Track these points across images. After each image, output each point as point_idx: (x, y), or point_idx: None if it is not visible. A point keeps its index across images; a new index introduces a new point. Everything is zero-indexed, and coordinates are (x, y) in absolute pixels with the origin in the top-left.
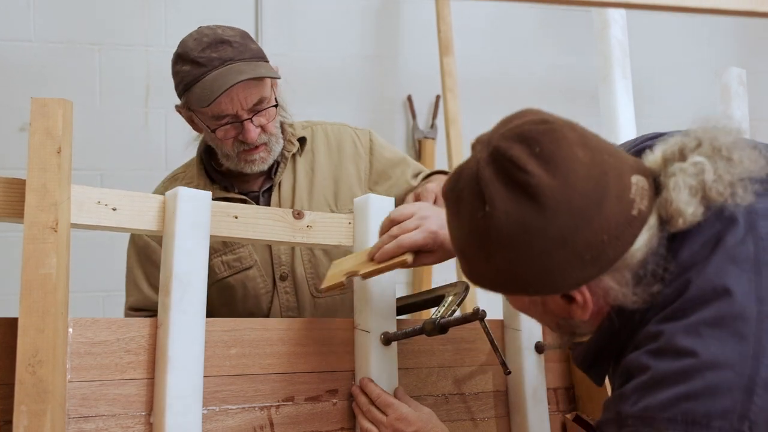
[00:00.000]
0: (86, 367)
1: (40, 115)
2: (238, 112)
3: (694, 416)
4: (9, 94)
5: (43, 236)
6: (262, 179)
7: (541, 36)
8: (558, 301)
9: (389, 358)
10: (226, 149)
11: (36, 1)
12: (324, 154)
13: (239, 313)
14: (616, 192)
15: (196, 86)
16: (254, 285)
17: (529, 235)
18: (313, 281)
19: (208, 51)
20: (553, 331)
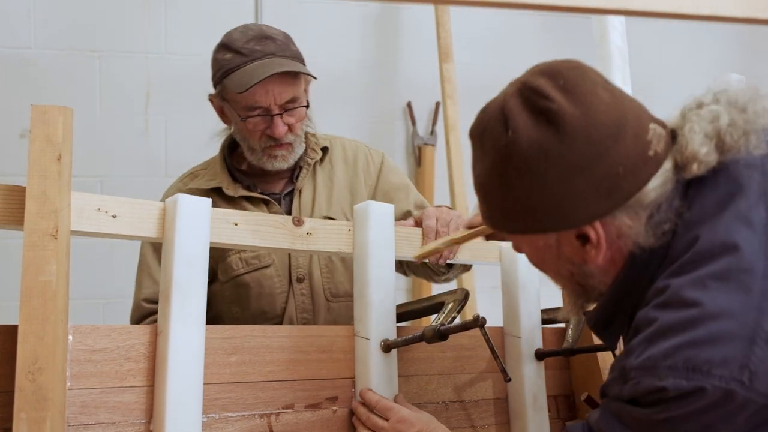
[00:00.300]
0: (86, 375)
1: (41, 122)
2: (270, 106)
3: (695, 363)
4: (9, 100)
5: (43, 243)
6: (283, 182)
7: (540, 42)
8: (572, 242)
9: (389, 365)
10: (253, 142)
11: (37, 8)
12: (341, 166)
13: (251, 311)
14: (633, 131)
15: (236, 73)
16: (270, 284)
17: (548, 160)
18: (329, 286)
19: (252, 43)
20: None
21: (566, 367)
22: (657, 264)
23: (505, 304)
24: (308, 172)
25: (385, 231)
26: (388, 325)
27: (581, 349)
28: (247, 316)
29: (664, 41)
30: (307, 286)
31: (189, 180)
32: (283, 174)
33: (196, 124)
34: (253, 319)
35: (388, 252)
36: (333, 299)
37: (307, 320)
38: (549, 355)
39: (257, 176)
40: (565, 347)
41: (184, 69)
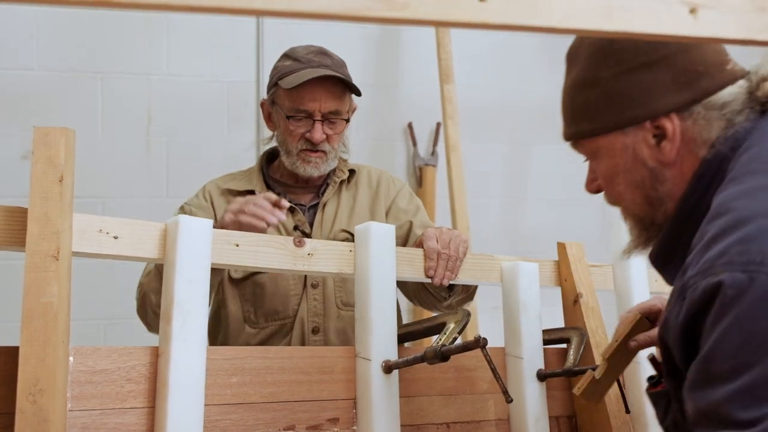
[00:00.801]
0: (87, 396)
1: (43, 143)
2: (315, 112)
3: (750, 255)
4: (11, 122)
5: (44, 265)
6: (311, 195)
7: (540, 63)
8: (649, 142)
9: (390, 386)
10: (291, 144)
11: (39, 30)
12: (365, 189)
13: (264, 310)
14: (713, 47)
15: (291, 75)
16: (285, 285)
17: (637, 49)
18: (340, 294)
19: (312, 55)
20: (633, 222)
21: (568, 388)
22: (718, 183)
23: (507, 324)
24: (334, 188)
25: (386, 252)
26: (390, 345)
27: (583, 370)
28: (259, 315)
29: None
30: (320, 293)
31: (227, 180)
32: (311, 188)
33: (198, 145)
34: (264, 317)
35: (389, 273)
36: (344, 307)
37: (317, 324)
38: (551, 376)
39: (288, 186)
40: (566, 368)
41: (185, 90)
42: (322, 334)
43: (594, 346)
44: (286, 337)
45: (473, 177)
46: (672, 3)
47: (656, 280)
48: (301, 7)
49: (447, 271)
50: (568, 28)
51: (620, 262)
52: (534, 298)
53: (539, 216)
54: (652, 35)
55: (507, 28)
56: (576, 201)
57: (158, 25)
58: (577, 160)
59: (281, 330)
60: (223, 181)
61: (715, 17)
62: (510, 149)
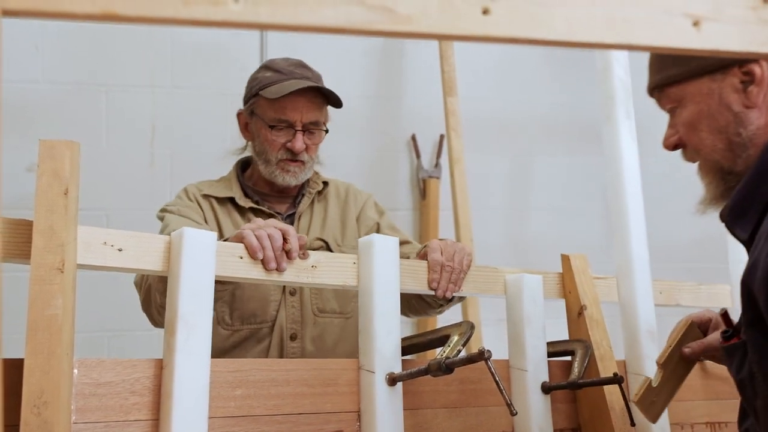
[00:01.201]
0: (91, 409)
1: (48, 156)
2: (296, 122)
3: None
4: (16, 134)
5: (49, 277)
6: (286, 205)
7: (544, 75)
8: (736, 86)
9: (394, 398)
10: (271, 154)
11: (44, 44)
12: (335, 201)
13: (242, 312)
14: None
15: (273, 86)
16: (265, 289)
17: None
18: (316, 301)
19: (292, 67)
20: (710, 175)
21: (573, 400)
22: None
23: (511, 336)
24: (310, 199)
25: (390, 264)
26: (394, 358)
27: (588, 383)
28: (234, 317)
29: None
30: (297, 300)
31: (206, 186)
32: (286, 198)
33: (201, 158)
34: (240, 320)
35: (392, 285)
36: (320, 314)
37: (295, 331)
38: (555, 389)
39: (264, 195)
40: (571, 380)
41: (189, 103)
42: (300, 341)
43: (598, 358)
44: (260, 343)
45: (477, 189)
46: (675, 15)
47: (661, 293)
48: (306, 21)
49: (450, 284)
50: (571, 40)
51: (624, 275)
52: (538, 311)
53: (543, 227)
54: (655, 47)
55: (510, 41)
56: (580, 212)
57: (162, 38)
58: (579, 171)
59: (256, 334)
60: (201, 186)
61: (718, 29)
62: (513, 161)
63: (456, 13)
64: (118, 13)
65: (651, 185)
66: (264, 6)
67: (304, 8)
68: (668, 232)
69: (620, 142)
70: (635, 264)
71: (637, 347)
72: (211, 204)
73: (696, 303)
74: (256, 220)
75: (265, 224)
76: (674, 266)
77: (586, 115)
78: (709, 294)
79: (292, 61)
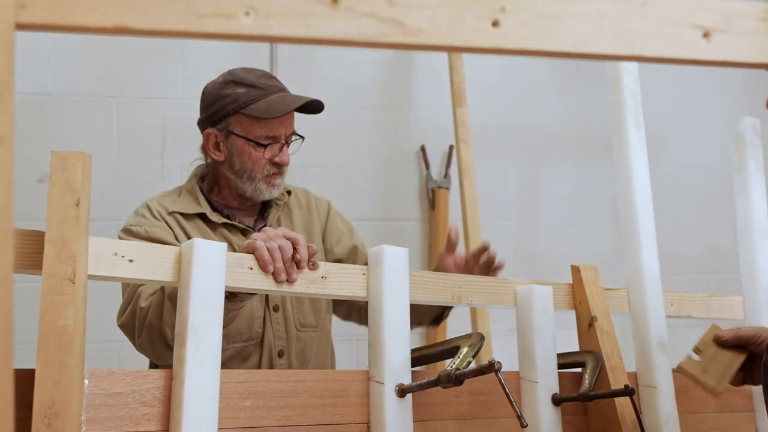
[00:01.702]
0: (101, 419)
1: (60, 168)
2: (281, 136)
3: None
4: (28, 145)
5: (60, 288)
6: (254, 218)
7: (553, 86)
8: None
9: (404, 410)
10: (257, 170)
11: (56, 56)
12: (297, 210)
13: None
14: None
15: (260, 103)
16: (250, 307)
17: None
18: (298, 316)
19: (264, 79)
20: None
21: (583, 412)
22: None
23: (521, 348)
24: (277, 211)
25: (400, 274)
26: (403, 369)
27: (599, 395)
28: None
29: (677, 85)
30: (281, 316)
31: (169, 202)
32: (253, 210)
33: None
34: (226, 339)
35: (402, 296)
36: (301, 329)
37: (282, 347)
38: (566, 401)
39: (232, 209)
40: (582, 392)
41: None
42: (287, 357)
43: (609, 370)
44: (246, 360)
45: (486, 199)
46: (685, 26)
47: (672, 304)
48: (317, 34)
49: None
50: (581, 52)
51: (635, 286)
52: (548, 322)
53: (553, 238)
54: (665, 59)
55: (520, 53)
56: (590, 223)
57: (173, 50)
58: (590, 181)
59: (241, 352)
60: (165, 202)
61: (728, 41)
62: (523, 171)
63: (466, 25)
64: (131, 27)
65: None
66: (275, 19)
67: (315, 21)
68: (679, 243)
69: (630, 153)
70: (646, 275)
71: (649, 359)
72: (178, 220)
73: (707, 314)
74: (266, 229)
75: (275, 234)
76: (685, 277)
77: (595, 126)
78: (720, 305)
79: (258, 72)
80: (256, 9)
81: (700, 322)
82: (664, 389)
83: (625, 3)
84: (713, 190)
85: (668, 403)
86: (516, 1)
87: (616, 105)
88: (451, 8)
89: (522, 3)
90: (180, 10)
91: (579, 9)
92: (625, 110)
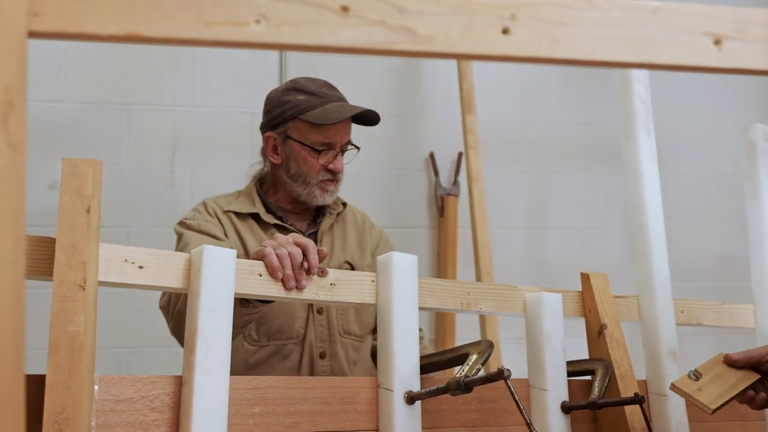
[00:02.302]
0: (111, 425)
1: (71, 175)
2: (337, 144)
3: None
4: (39, 152)
5: (71, 294)
6: (306, 223)
7: (563, 93)
8: None
9: (413, 417)
10: (312, 175)
11: (67, 63)
12: (352, 225)
13: (267, 327)
14: None
15: (318, 110)
16: (291, 305)
17: None
18: (342, 322)
19: (324, 89)
20: None
21: (593, 420)
22: None
23: (530, 355)
24: (330, 220)
25: (408, 282)
26: (412, 376)
27: (608, 403)
28: (261, 333)
29: (688, 92)
30: (325, 319)
31: (226, 202)
32: (306, 215)
33: (221, 176)
34: (267, 336)
35: (411, 303)
36: (345, 335)
37: (324, 349)
38: (575, 408)
39: (286, 211)
40: (591, 400)
41: (209, 121)
42: (329, 359)
43: (619, 378)
44: (287, 359)
45: (495, 207)
46: (696, 34)
47: (682, 312)
48: (327, 42)
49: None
50: (591, 60)
51: (645, 293)
52: (558, 329)
53: (562, 246)
54: (676, 66)
55: (530, 60)
56: (600, 230)
57: (183, 58)
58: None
59: (281, 350)
60: (222, 202)
61: (739, 48)
62: (532, 179)
63: (476, 33)
64: (143, 35)
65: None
66: (285, 26)
67: (325, 28)
68: (689, 251)
69: (640, 160)
70: (656, 283)
71: (659, 367)
72: (231, 219)
73: (718, 322)
74: (277, 236)
75: (285, 241)
76: (696, 285)
77: (605, 133)
78: (731, 314)
79: (319, 81)
80: (267, 17)
81: (710, 330)
82: (675, 397)
83: (635, 10)
84: (724, 198)
85: (678, 412)
86: (526, 9)
87: (626, 112)
88: (462, 16)
89: (532, 11)
90: (191, 18)
91: (589, 16)
92: (636, 118)
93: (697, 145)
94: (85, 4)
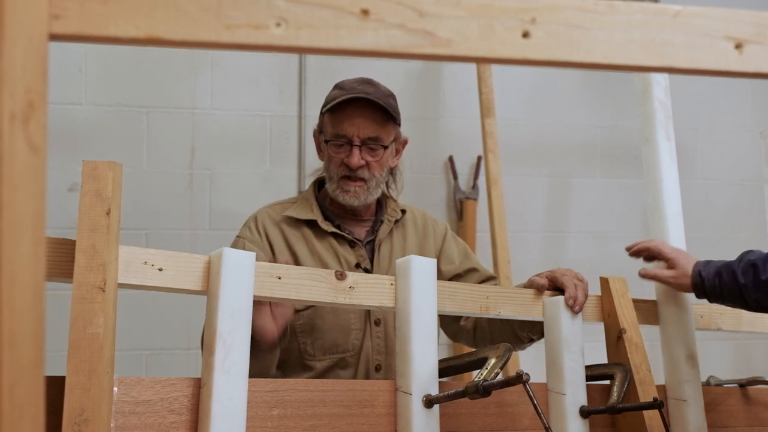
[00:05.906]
0: (130, 427)
1: (91, 177)
2: (353, 137)
3: None
4: (59, 155)
5: (91, 296)
6: (365, 230)
7: (582, 97)
8: None
9: (431, 420)
10: (332, 170)
11: (87, 67)
12: (412, 231)
13: (323, 341)
14: None
15: (333, 102)
16: (346, 318)
17: None
18: None
19: (356, 84)
20: None
21: (612, 425)
22: None
23: (549, 359)
24: (389, 227)
25: (427, 285)
26: (431, 380)
27: (627, 408)
28: (316, 347)
29: (707, 96)
30: (382, 330)
31: (282, 208)
32: (364, 222)
33: (240, 178)
34: (322, 350)
35: (430, 306)
36: None
37: (380, 362)
38: (594, 413)
39: (342, 218)
40: (610, 405)
41: (228, 124)
42: (384, 372)
43: (638, 382)
44: (344, 370)
45: (514, 210)
46: (716, 38)
47: (701, 317)
48: (347, 45)
49: (582, 298)
50: (611, 63)
51: (664, 298)
52: (576, 334)
53: (581, 250)
54: (696, 70)
55: (549, 64)
56: (619, 234)
57: (203, 61)
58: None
59: (338, 364)
60: (278, 209)
61: (761, 52)
62: (551, 182)
63: (496, 36)
64: (162, 38)
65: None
66: (305, 30)
67: (345, 32)
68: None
69: (660, 164)
70: None
71: (678, 372)
72: (282, 230)
73: (737, 327)
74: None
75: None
76: None
77: (625, 137)
78: (751, 318)
79: (359, 79)
80: (287, 20)
81: (729, 335)
82: (694, 402)
83: (655, 14)
84: (744, 202)
85: (698, 417)
86: (546, 13)
87: (645, 116)
88: (481, 19)
89: (552, 14)
90: (211, 21)
91: (609, 20)
92: (655, 121)
93: (717, 150)
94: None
